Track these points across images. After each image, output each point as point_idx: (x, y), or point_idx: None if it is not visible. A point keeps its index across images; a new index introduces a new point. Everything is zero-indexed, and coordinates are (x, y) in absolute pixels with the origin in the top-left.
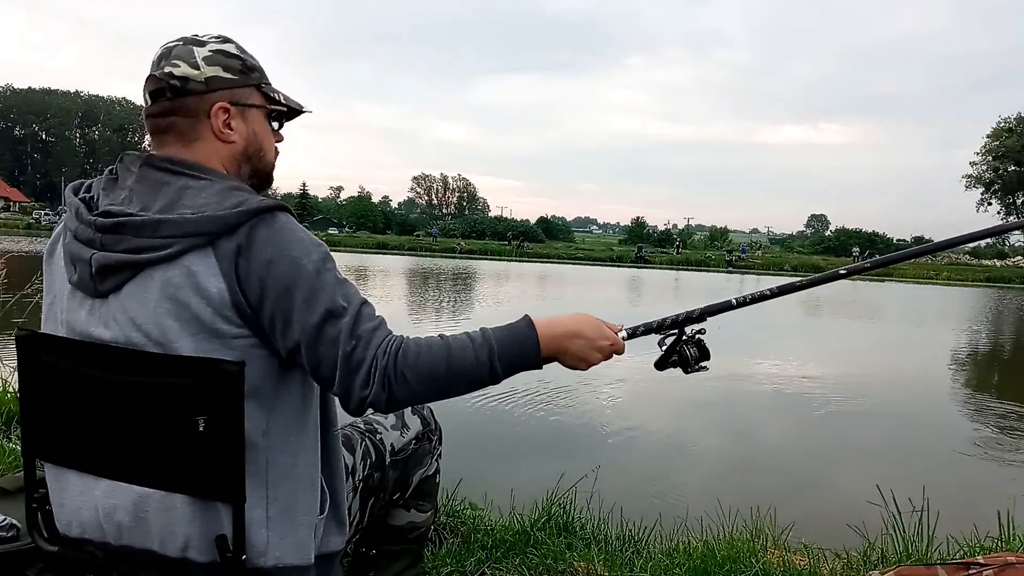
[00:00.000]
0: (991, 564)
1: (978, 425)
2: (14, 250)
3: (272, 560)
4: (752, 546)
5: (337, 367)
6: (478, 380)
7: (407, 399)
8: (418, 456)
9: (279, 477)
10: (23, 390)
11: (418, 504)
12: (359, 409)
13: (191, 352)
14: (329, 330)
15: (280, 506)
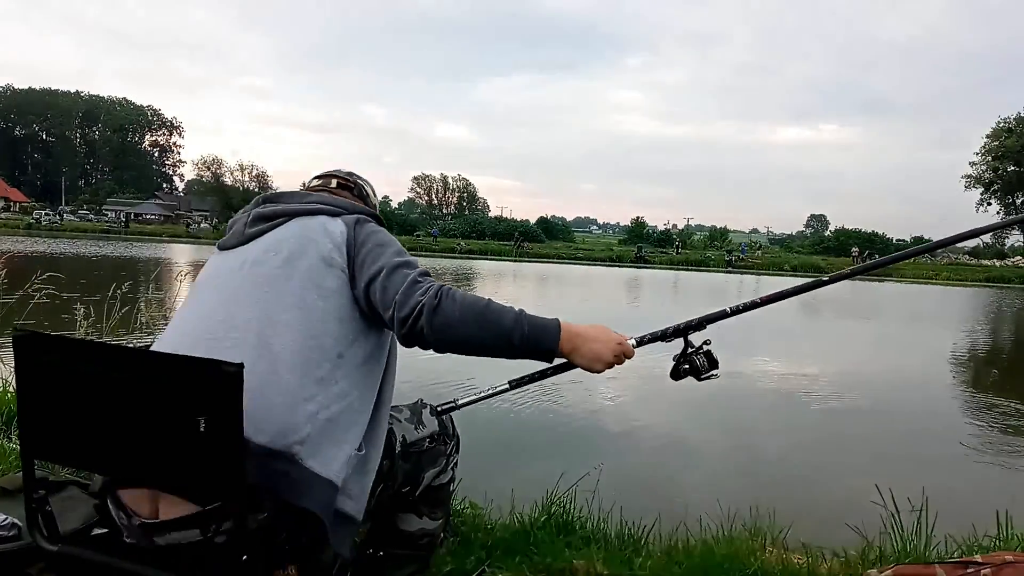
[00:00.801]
0: (989, 563)
1: (977, 424)
2: (14, 250)
3: (299, 443)
4: (751, 545)
5: (403, 286)
6: (504, 332)
7: (450, 314)
8: (431, 455)
9: (338, 395)
10: (21, 390)
11: (431, 512)
12: (411, 312)
13: (305, 270)
14: (403, 269)
15: (329, 415)
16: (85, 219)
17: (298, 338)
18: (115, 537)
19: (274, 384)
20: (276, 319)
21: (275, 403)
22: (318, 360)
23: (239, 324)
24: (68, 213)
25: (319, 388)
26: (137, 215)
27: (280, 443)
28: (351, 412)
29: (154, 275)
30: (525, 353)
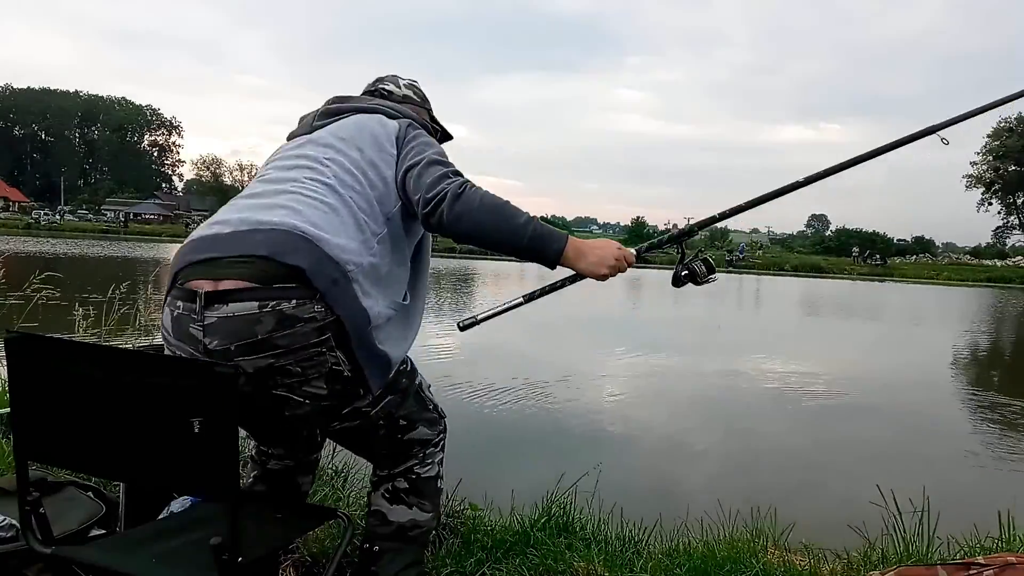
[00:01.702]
0: (991, 564)
1: (979, 424)
2: (13, 251)
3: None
4: (752, 546)
5: (434, 176)
6: (516, 228)
7: (470, 204)
8: (429, 422)
9: (384, 252)
10: (13, 392)
11: (420, 503)
12: (435, 195)
13: (363, 147)
14: (438, 165)
15: (377, 262)
16: (84, 219)
17: (357, 196)
18: (112, 537)
19: (339, 220)
20: (341, 176)
21: (339, 231)
22: (373, 217)
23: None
24: (67, 213)
25: (372, 238)
26: (136, 215)
27: (340, 255)
28: (394, 270)
29: (153, 275)
30: (532, 253)
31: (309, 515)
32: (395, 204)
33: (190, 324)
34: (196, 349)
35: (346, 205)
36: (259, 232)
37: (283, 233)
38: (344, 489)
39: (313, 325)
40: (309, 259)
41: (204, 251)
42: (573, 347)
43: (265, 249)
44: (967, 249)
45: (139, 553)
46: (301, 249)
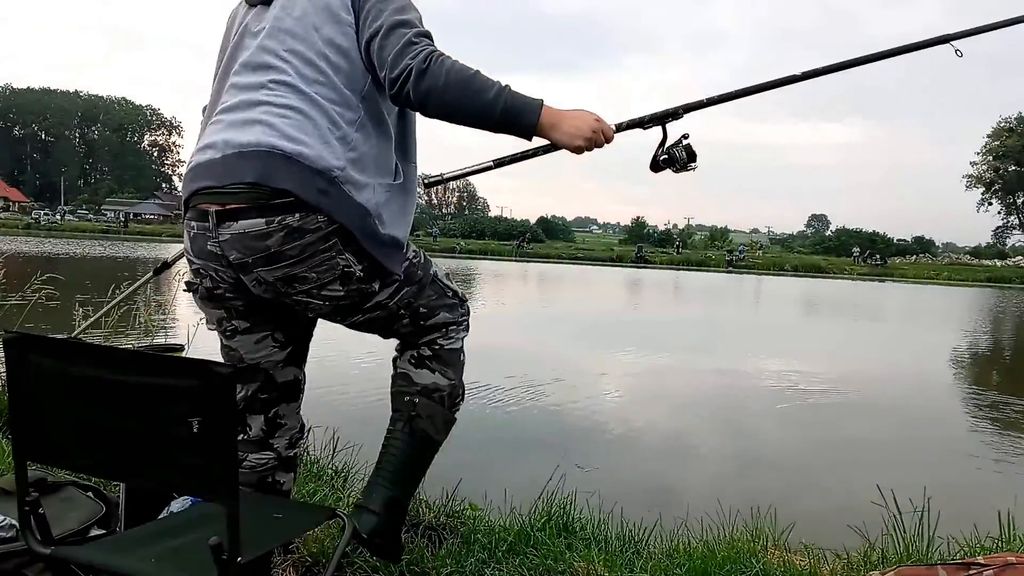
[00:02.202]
0: (991, 564)
1: (980, 424)
2: (12, 251)
3: (339, 168)
4: (752, 546)
5: (397, 47)
6: (487, 103)
7: (436, 80)
8: (450, 308)
9: (364, 138)
10: (12, 393)
11: (442, 370)
12: (399, 74)
13: (319, 27)
14: (401, 29)
15: (357, 154)
16: (84, 219)
17: (324, 88)
18: (112, 537)
19: (311, 125)
20: (303, 71)
21: (315, 136)
22: (345, 103)
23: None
24: (67, 213)
25: (350, 128)
26: (136, 215)
27: (321, 164)
28: (380, 148)
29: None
30: (506, 126)
31: (309, 515)
32: (366, 80)
33: (207, 242)
34: (219, 264)
35: (315, 105)
36: (243, 157)
37: (264, 155)
38: (344, 489)
39: (319, 234)
40: (294, 180)
41: (201, 179)
42: (573, 347)
43: (252, 175)
44: (967, 249)
45: (139, 553)
46: (283, 170)
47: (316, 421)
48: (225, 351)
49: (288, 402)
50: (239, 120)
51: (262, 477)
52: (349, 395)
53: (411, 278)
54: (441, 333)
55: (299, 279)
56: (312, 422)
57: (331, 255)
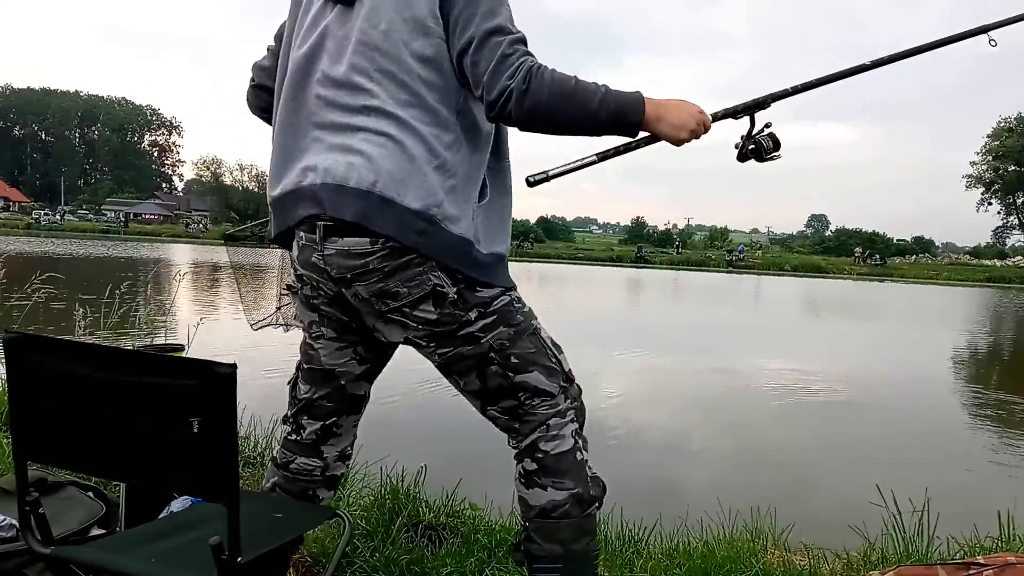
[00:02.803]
0: (991, 564)
1: (979, 424)
2: (13, 251)
3: (436, 206)
4: (752, 546)
5: (492, 63)
6: (591, 113)
7: (539, 98)
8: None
9: (461, 160)
10: (12, 393)
11: (555, 482)
12: (499, 97)
13: (408, 52)
14: (494, 38)
15: (455, 181)
16: (84, 219)
17: (418, 111)
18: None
19: (406, 159)
20: (397, 95)
21: (413, 172)
22: (440, 125)
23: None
24: (67, 213)
25: (446, 151)
26: (136, 215)
27: (420, 204)
28: (474, 166)
29: (151, 274)
30: (610, 130)
31: (309, 515)
32: (461, 95)
33: (312, 254)
34: (322, 276)
35: (411, 132)
36: (343, 193)
37: (364, 196)
38: (344, 489)
39: (417, 259)
40: (392, 224)
41: (308, 206)
42: (573, 346)
43: (351, 215)
44: (967, 249)
45: (139, 553)
46: (382, 213)
47: None
48: (305, 349)
49: (349, 415)
50: (338, 145)
51: (304, 489)
52: None
53: (508, 319)
54: (541, 430)
55: (391, 294)
56: None
57: (422, 271)
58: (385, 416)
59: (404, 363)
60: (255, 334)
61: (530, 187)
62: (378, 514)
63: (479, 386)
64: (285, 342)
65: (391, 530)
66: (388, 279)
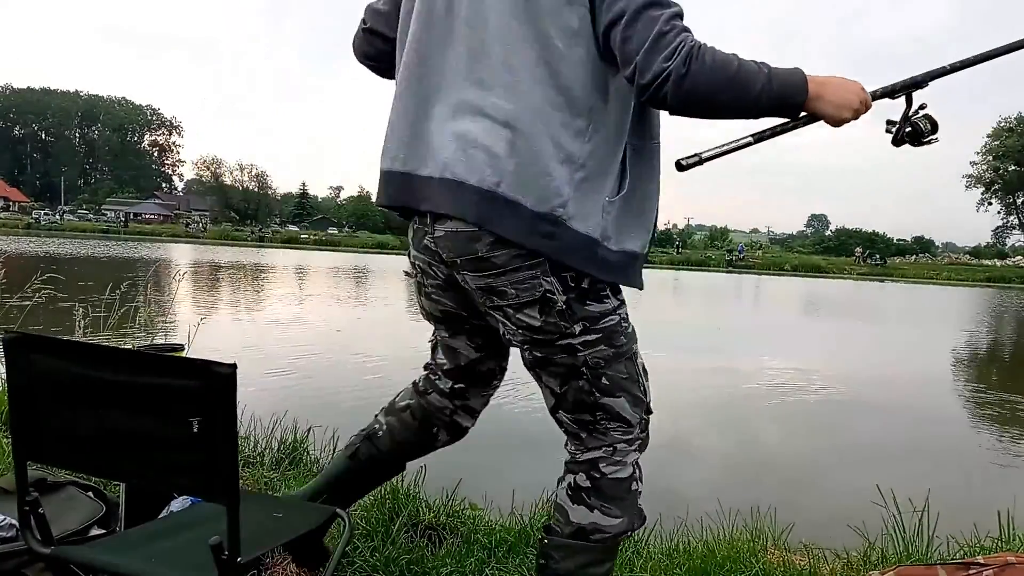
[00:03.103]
0: (991, 564)
1: (979, 423)
2: (13, 251)
3: (562, 206)
4: (752, 546)
5: (647, 42)
6: (752, 97)
7: (698, 82)
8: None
9: (592, 151)
10: (12, 393)
11: (604, 507)
12: (654, 79)
13: (548, 22)
14: (650, 12)
15: (586, 173)
16: (84, 219)
17: (553, 92)
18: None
19: (534, 150)
20: (532, 69)
21: (538, 168)
22: (574, 108)
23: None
24: (67, 213)
25: (577, 139)
26: (136, 215)
27: (545, 206)
28: (612, 151)
29: (151, 273)
30: (771, 114)
31: (309, 515)
32: (602, 74)
33: (424, 237)
34: (433, 259)
35: (539, 117)
36: (463, 190)
37: (486, 199)
38: None
39: (531, 259)
40: (514, 228)
41: (425, 198)
42: None
43: (471, 216)
44: (967, 249)
45: (139, 553)
46: (507, 217)
47: (316, 421)
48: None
49: (476, 387)
50: (462, 134)
51: (430, 423)
52: (349, 395)
53: (612, 339)
54: (606, 449)
55: (498, 292)
56: (312, 422)
57: (535, 273)
58: None
59: (405, 363)
60: (255, 334)
61: (681, 171)
62: (378, 514)
63: (560, 392)
64: (285, 342)
65: (391, 530)
66: (498, 276)
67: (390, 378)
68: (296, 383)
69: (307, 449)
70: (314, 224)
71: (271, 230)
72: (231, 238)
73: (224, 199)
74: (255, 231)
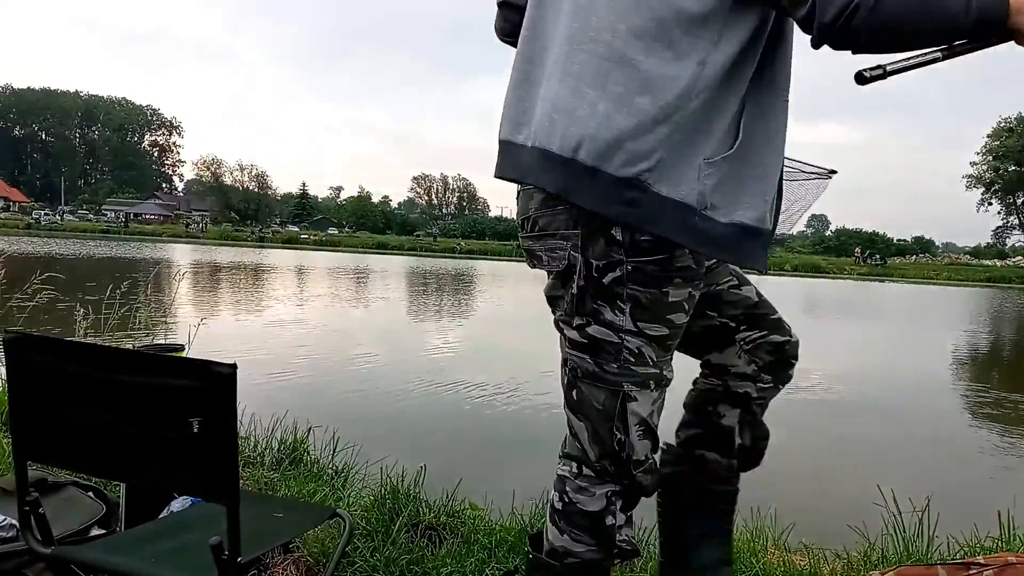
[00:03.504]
0: (991, 564)
1: (979, 423)
2: (13, 251)
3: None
4: (752, 546)
5: None
6: (950, 18)
7: (892, 13)
8: None
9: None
10: (12, 393)
11: (572, 532)
12: (840, 13)
13: None
14: None
15: (684, 128)
16: (84, 219)
17: (652, 44)
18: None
19: (622, 107)
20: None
21: (623, 128)
22: (671, 59)
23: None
24: (67, 213)
25: (671, 100)
26: (136, 215)
27: (630, 170)
28: (714, 114)
29: (152, 274)
30: (968, 36)
31: (309, 515)
32: (723, 14)
33: (520, 190)
34: (523, 215)
35: (633, 72)
36: (548, 160)
37: (567, 167)
38: (344, 489)
39: (569, 216)
40: (595, 196)
41: (515, 163)
42: None
43: (554, 187)
44: (967, 249)
45: (139, 553)
46: (587, 186)
47: (316, 421)
48: None
49: (705, 351)
50: (552, 95)
51: (706, 400)
52: (350, 395)
53: (599, 355)
54: (571, 466)
55: (536, 256)
56: (312, 422)
57: (563, 244)
58: (386, 416)
59: (404, 363)
60: (255, 334)
61: (862, 84)
62: (378, 514)
63: None
64: (285, 342)
65: (391, 530)
66: (537, 241)
67: (390, 378)
68: (296, 383)
69: (307, 449)
70: (314, 224)
71: (271, 230)
72: (231, 238)
73: (224, 199)
74: (255, 231)
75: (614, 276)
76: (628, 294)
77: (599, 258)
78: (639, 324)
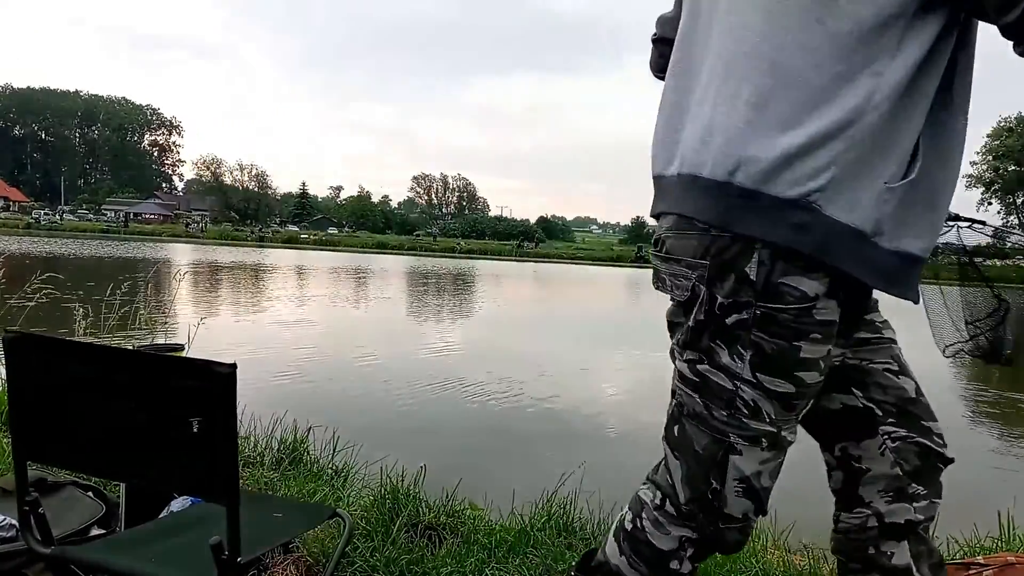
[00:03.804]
0: (991, 564)
1: (979, 423)
2: (13, 251)
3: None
4: (752, 546)
5: None
6: None
7: None
8: None
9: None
10: (12, 392)
11: (632, 558)
12: None
13: None
14: None
15: (861, 147)
16: (84, 219)
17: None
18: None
19: (780, 122)
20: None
21: (785, 149)
22: (844, 78)
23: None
24: (67, 213)
25: (838, 115)
26: (136, 215)
27: (795, 192)
28: (893, 133)
29: (151, 273)
30: None
31: (309, 515)
32: (899, 20)
33: None
34: (656, 235)
35: (796, 86)
36: (696, 185)
37: (721, 191)
38: (344, 489)
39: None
40: (760, 223)
41: (664, 197)
42: (574, 346)
43: (706, 216)
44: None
45: (139, 553)
46: (748, 211)
47: (316, 421)
48: None
49: (851, 439)
50: (700, 114)
51: (860, 546)
52: (349, 395)
53: (710, 398)
54: (654, 493)
55: (660, 278)
56: (312, 422)
57: (688, 274)
58: (386, 416)
59: (404, 363)
60: (255, 334)
61: None
62: (378, 514)
63: None
64: (285, 342)
65: (391, 530)
66: (664, 263)
67: (390, 378)
68: (296, 383)
69: (307, 449)
70: (314, 224)
71: (271, 230)
72: (231, 238)
73: (224, 199)
74: (255, 231)
75: (739, 318)
76: (751, 340)
77: (726, 296)
78: (759, 375)
